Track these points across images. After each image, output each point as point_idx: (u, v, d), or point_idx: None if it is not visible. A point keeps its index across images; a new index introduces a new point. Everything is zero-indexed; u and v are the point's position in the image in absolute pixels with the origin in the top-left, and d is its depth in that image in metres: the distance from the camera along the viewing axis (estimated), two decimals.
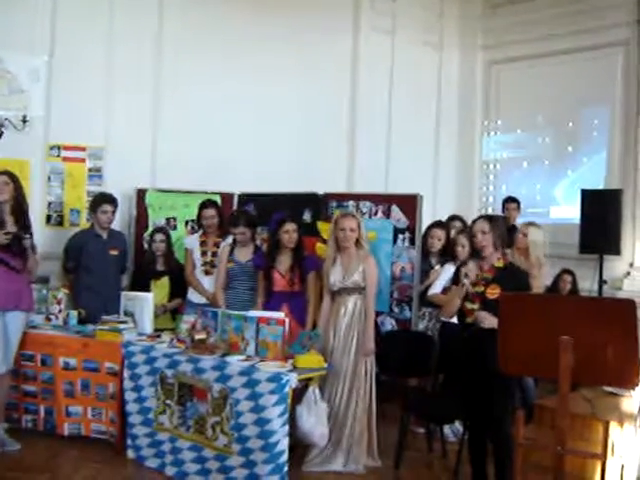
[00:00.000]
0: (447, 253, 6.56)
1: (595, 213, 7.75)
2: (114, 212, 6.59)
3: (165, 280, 6.68)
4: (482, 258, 4.68)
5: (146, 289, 6.42)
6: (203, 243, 6.58)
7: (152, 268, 6.71)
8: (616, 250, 7.89)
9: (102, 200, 6.53)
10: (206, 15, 7.85)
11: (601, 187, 8.39)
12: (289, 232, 5.87)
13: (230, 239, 6.31)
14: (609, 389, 5.61)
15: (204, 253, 6.56)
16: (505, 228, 4.86)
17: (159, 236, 6.72)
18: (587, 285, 7.65)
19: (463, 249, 6.17)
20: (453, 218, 7.15)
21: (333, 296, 5.59)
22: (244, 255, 6.23)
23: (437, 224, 6.79)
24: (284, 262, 5.92)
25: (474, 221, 4.81)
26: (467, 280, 4.60)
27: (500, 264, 4.66)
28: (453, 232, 6.73)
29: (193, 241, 6.66)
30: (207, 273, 6.51)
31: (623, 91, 8.42)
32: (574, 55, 8.73)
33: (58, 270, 6.77)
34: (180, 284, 6.65)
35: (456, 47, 9.89)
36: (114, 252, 6.59)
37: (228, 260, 6.21)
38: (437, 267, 6.48)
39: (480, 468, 4.74)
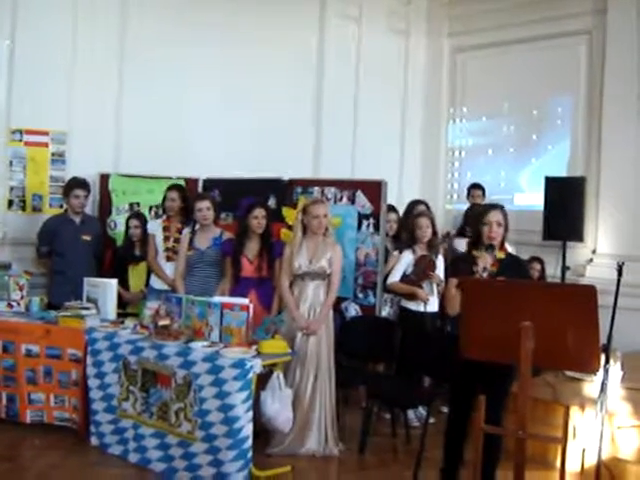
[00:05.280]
0: (399, 237, 6.62)
1: (559, 200, 7.82)
2: (87, 197, 6.64)
3: (143, 265, 6.67)
4: (493, 250, 4.52)
5: (124, 274, 6.48)
6: (166, 228, 6.52)
7: (130, 253, 6.71)
8: (579, 237, 7.97)
9: (74, 185, 6.57)
10: (170, 0, 7.76)
11: (565, 175, 8.46)
12: (258, 218, 5.85)
13: (191, 227, 6.27)
14: (571, 374, 5.70)
15: (166, 238, 6.49)
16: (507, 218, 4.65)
17: (134, 222, 6.73)
18: (550, 271, 7.72)
19: (427, 229, 6.18)
20: (418, 202, 7.14)
21: (294, 280, 5.59)
22: (204, 241, 6.17)
23: (389, 208, 6.80)
24: (252, 248, 5.90)
25: (487, 210, 4.61)
26: (485, 273, 4.45)
27: (502, 255, 4.54)
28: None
29: (155, 226, 6.60)
30: (169, 259, 6.46)
31: (587, 80, 8.49)
32: (539, 43, 8.76)
33: (21, 256, 6.74)
34: None
35: (423, 34, 9.89)
36: (86, 237, 6.60)
37: (188, 248, 6.17)
38: (395, 253, 6.48)
39: (455, 454, 4.64)
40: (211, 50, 7.90)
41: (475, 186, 8.36)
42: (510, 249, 6.48)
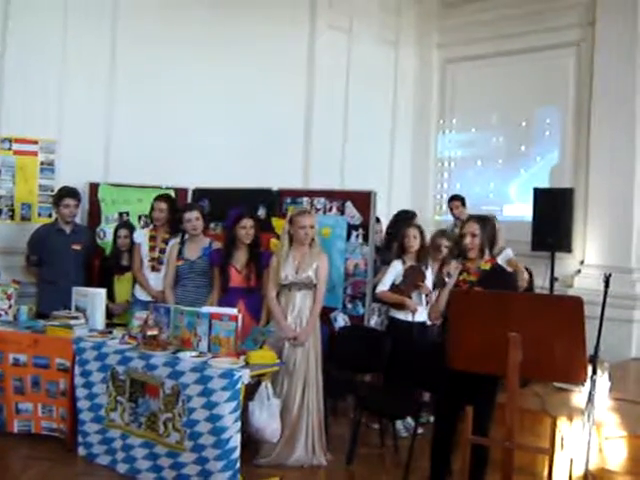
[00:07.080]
0: (382, 248, 6.65)
1: (547, 211, 7.88)
2: (77, 206, 6.61)
3: (128, 275, 6.64)
4: (468, 260, 4.56)
5: (109, 284, 6.45)
6: (152, 238, 6.46)
7: (116, 263, 6.69)
8: (567, 248, 8.03)
9: (65, 194, 6.54)
10: (162, 9, 7.76)
11: (553, 186, 8.50)
12: (246, 228, 5.85)
13: (179, 237, 6.27)
14: (559, 385, 5.71)
15: (152, 248, 6.44)
16: (494, 228, 4.70)
17: (123, 231, 6.70)
18: (539, 282, 7.75)
19: (414, 239, 6.19)
20: (406, 212, 7.13)
21: (281, 291, 5.58)
22: (193, 252, 6.18)
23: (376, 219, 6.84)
24: (240, 258, 5.90)
25: (464, 222, 4.72)
26: (451, 280, 4.49)
27: (486, 266, 4.54)
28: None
29: (141, 235, 6.56)
30: (153, 269, 6.42)
31: (575, 92, 8.57)
32: (528, 55, 8.85)
33: (10, 265, 6.72)
34: None
35: (412, 46, 9.96)
36: (76, 247, 6.55)
37: (177, 258, 6.17)
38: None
39: (442, 464, 4.65)
40: (202, 62, 7.90)
41: (454, 197, 8.43)
42: (511, 256, 6.47)
